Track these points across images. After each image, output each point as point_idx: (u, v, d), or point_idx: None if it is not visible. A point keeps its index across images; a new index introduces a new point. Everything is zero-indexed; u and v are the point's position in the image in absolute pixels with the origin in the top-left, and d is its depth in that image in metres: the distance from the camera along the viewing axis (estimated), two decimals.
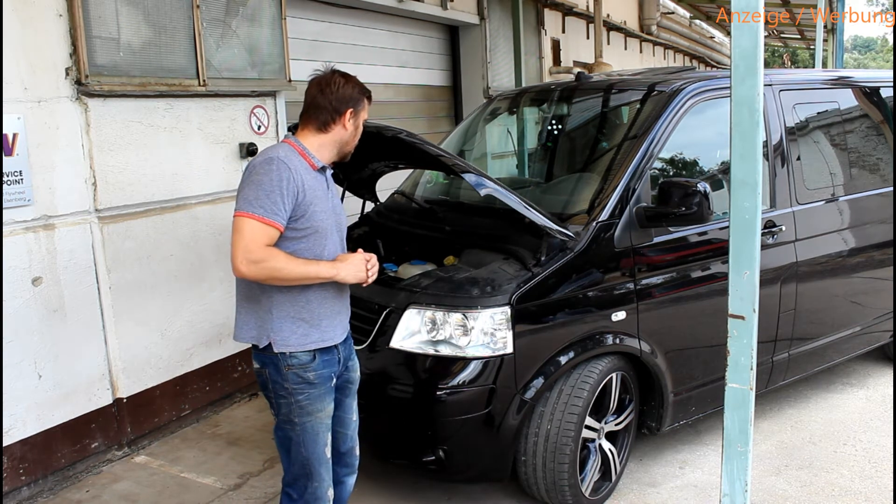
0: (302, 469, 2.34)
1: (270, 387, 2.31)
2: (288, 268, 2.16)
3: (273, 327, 2.25)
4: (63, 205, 3.45)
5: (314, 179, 2.28)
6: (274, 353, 2.25)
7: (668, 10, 14.40)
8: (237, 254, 2.12)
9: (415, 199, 3.90)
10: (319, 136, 2.33)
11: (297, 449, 2.32)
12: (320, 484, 2.35)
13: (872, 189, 4.16)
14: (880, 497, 3.24)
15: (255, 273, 2.14)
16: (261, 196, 2.13)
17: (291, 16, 4.94)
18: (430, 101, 7.24)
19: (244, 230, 2.12)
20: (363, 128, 2.49)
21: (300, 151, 2.29)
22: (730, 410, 2.28)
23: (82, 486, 3.53)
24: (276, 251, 2.16)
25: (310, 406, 2.30)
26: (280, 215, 2.15)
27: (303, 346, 2.26)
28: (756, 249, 2.15)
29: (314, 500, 2.36)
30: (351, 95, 2.34)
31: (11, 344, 3.28)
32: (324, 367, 2.31)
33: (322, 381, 2.31)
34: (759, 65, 2.06)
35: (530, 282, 2.86)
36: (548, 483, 2.96)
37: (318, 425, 2.32)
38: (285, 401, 2.29)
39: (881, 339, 4.40)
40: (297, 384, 2.27)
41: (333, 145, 2.36)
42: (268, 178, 2.15)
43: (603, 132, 3.85)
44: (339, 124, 2.33)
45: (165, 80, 3.87)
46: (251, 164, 2.24)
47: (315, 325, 2.29)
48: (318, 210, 2.26)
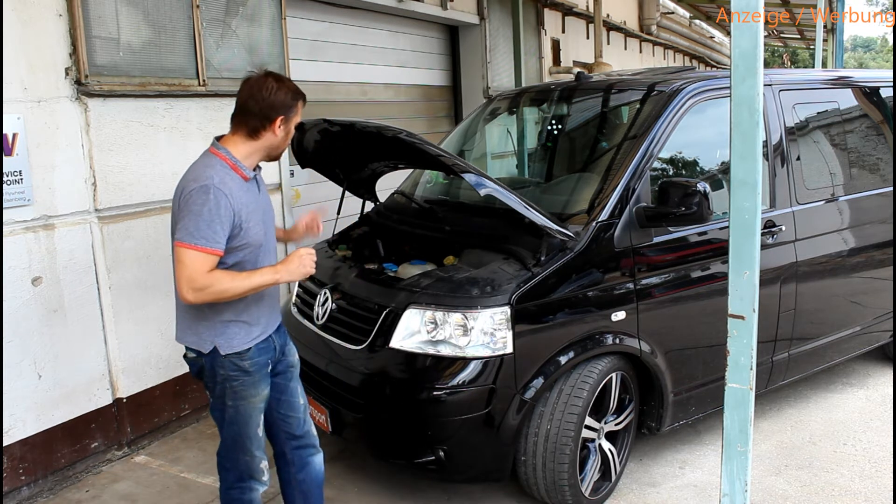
0: (235, 444, 2.45)
1: (207, 374, 2.40)
2: (233, 286, 2.24)
3: (216, 332, 2.34)
4: (63, 205, 3.46)
5: (247, 193, 2.32)
6: (218, 353, 2.34)
7: (668, 10, 14.40)
8: (182, 284, 2.19)
9: (415, 199, 3.90)
10: (249, 143, 2.34)
11: (231, 427, 2.42)
12: (252, 458, 2.46)
13: (872, 189, 4.16)
14: (880, 497, 3.24)
15: (202, 298, 2.21)
16: (201, 226, 2.18)
17: (291, 16, 4.95)
18: (430, 101, 7.24)
19: (186, 261, 2.18)
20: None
21: (231, 165, 2.30)
22: (730, 410, 2.27)
23: (82, 486, 3.53)
24: (218, 274, 2.22)
25: (244, 392, 2.38)
26: (220, 242, 2.21)
27: (246, 344, 2.36)
28: (756, 249, 2.15)
29: (248, 472, 2.47)
30: (283, 102, 2.32)
31: (11, 344, 3.28)
32: (259, 356, 2.40)
33: (257, 370, 2.40)
34: (759, 65, 2.06)
35: (530, 282, 2.86)
36: (548, 483, 2.96)
37: (251, 409, 2.41)
38: (220, 386, 2.38)
39: (881, 339, 4.40)
40: (233, 371, 2.35)
41: (263, 150, 2.38)
42: (206, 209, 2.19)
43: (603, 132, 3.85)
44: (269, 131, 2.33)
45: (165, 80, 3.87)
46: (187, 191, 2.24)
47: (254, 323, 2.39)
48: (252, 224, 2.31)
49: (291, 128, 2.41)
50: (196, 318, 2.35)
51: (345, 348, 3.10)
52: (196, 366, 2.44)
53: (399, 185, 4.21)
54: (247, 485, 2.49)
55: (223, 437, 2.47)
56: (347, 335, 3.12)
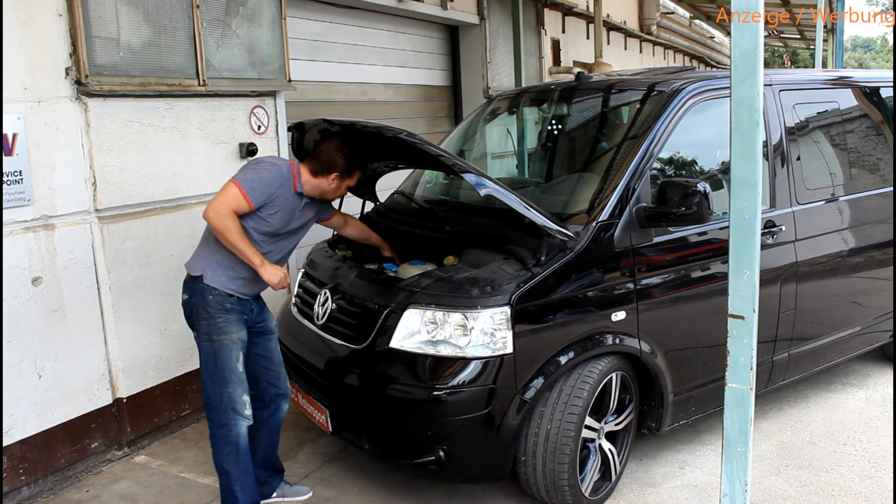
0: (220, 378, 2.86)
1: (195, 311, 2.89)
2: (235, 236, 2.76)
3: (208, 265, 2.88)
4: (63, 205, 3.46)
5: (292, 196, 2.92)
6: (203, 284, 2.85)
7: (668, 10, 14.40)
8: (212, 203, 2.76)
9: (415, 199, 3.90)
10: (308, 176, 2.98)
11: (215, 362, 2.86)
12: (234, 390, 2.88)
13: (872, 189, 4.16)
14: (880, 497, 3.24)
15: (214, 220, 2.75)
16: (253, 180, 2.80)
17: (291, 16, 4.95)
18: (430, 101, 7.24)
19: (227, 191, 2.77)
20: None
21: (294, 173, 2.94)
22: (730, 410, 2.27)
23: (82, 486, 3.53)
24: (235, 219, 2.76)
25: (226, 327, 2.86)
26: (256, 198, 2.78)
27: (224, 287, 2.87)
28: (756, 249, 2.15)
29: (231, 403, 2.87)
30: (342, 165, 2.97)
31: (11, 344, 3.28)
32: (238, 305, 2.91)
33: (236, 312, 2.90)
34: (759, 65, 2.06)
35: (530, 282, 2.86)
36: (548, 483, 2.96)
37: (231, 344, 2.87)
38: (205, 322, 2.86)
39: (881, 339, 4.40)
40: (217, 309, 2.86)
41: (315, 189, 3.00)
42: (266, 174, 2.84)
43: (603, 132, 3.85)
44: (324, 178, 2.98)
45: (165, 80, 3.87)
46: (261, 159, 2.95)
47: (236, 280, 2.90)
48: (279, 214, 2.88)
49: (344, 187, 3.06)
50: (203, 249, 2.94)
51: (345, 348, 3.10)
52: (188, 307, 2.92)
53: (399, 185, 4.21)
54: (231, 420, 2.88)
55: (209, 375, 2.88)
56: (347, 335, 3.12)
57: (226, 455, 2.90)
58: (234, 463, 2.91)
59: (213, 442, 2.93)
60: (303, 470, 3.57)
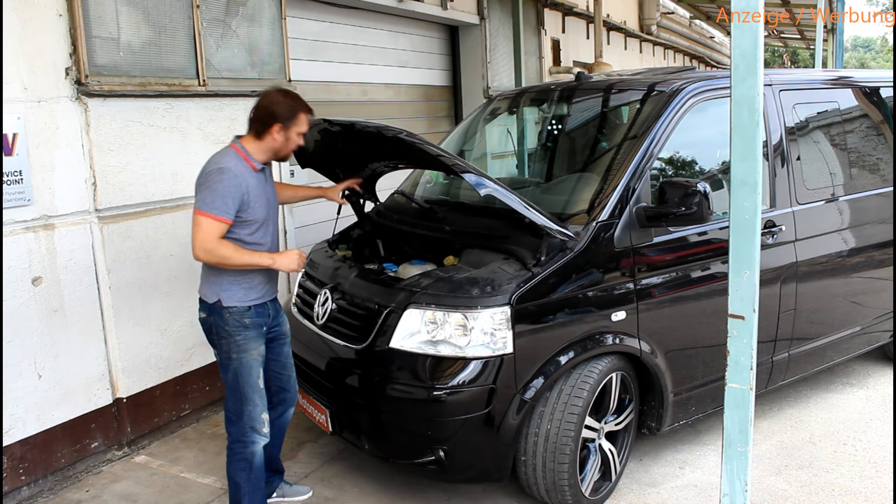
0: (240, 395, 2.86)
1: (214, 330, 2.86)
2: (234, 256, 2.71)
3: (222, 288, 2.82)
4: (63, 205, 3.46)
5: (255, 179, 2.80)
6: (222, 305, 2.81)
7: (668, 10, 14.40)
8: (196, 244, 2.68)
9: (415, 199, 3.89)
10: (256, 142, 2.83)
11: (236, 380, 2.85)
12: (255, 407, 2.88)
13: (872, 189, 4.16)
14: (880, 497, 3.24)
15: (207, 258, 2.70)
16: (215, 199, 2.67)
17: (291, 16, 4.95)
18: (430, 101, 7.24)
19: (201, 225, 2.67)
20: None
21: (243, 156, 2.80)
22: (730, 410, 2.27)
23: (82, 486, 3.53)
24: (225, 242, 2.70)
25: (245, 345, 2.84)
26: (229, 213, 2.70)
27: (243, 302, 2.83)
28: (756, 249, 2.15)
29: (250, 421, 2.88)
30: (281, 112, 2.79)
31: (11, 344, 3.28)
32: (257, 317, 2.87)
33: (255, 327, 2.87)
34: (759, 65, 2.06)
35: (530, 282, 2.86)
36: (548, 483, 2.96)
37: (251, 361, 2.85)
38: (225, 341, 2.83)
39: (881, 339, 4.40)
40: (235, 327, 2.82)
41: (268, 151, 2.85)
42: (220, 185, 2.69)
43: (603, 132, 3.85)
44: (269, 135, 2.81)
45: (165, 80, 3.87)
46: (206, 172, 2.75)
47: (253, 288, 2.86)
48: (258, 205, 2.79)
49: (292, 135, 2.84)
50: (210, 274, 2.85)
51: (345, 348, 3.10)
52: (206, 325, 2.90)
53: (399, 185, 4.21)
54: (249, 438, 2.89)
55: (230, 392, 2.88)
56: (348, 335, 3.12)
57: (239, 470, 2.91)
58: (247, 478, 2.91)
59: (228, 454, 2.94)
60: (303, 470, 3.57)
